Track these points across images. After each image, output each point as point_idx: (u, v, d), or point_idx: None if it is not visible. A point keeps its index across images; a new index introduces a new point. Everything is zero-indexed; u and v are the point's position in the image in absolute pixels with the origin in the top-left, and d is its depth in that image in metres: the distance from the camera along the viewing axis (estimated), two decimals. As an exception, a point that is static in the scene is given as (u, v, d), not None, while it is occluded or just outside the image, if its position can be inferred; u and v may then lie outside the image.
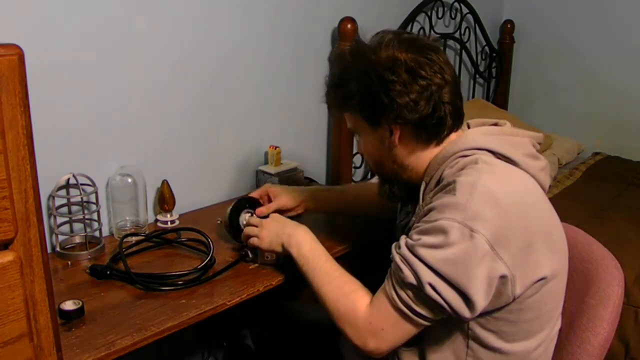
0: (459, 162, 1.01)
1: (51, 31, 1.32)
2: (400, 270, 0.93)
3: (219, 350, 1.87)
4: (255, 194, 1.46)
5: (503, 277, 0.90)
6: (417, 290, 0.92)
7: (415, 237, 0.95)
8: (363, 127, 1.10)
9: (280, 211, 1.41)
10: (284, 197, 1.45)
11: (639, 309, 1.65)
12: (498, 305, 0.94)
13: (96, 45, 1.41)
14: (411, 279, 0.92)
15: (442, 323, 0.99)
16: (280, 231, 1.20)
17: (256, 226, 1.26)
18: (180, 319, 1.10)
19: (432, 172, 1.06)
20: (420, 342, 1.05)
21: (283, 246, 1.18)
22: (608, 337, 1.05)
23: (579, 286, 1.11)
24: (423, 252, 0.91)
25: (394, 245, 0.99)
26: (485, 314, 0.96)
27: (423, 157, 1.07)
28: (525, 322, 0.98)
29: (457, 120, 1.07)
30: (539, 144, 1.11)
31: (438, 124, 1.03)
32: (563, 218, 1.12)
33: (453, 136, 1.07)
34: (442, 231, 0.90)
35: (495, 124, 1.12)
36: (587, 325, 1.06)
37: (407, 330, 0.96)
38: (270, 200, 1.45)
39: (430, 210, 0.96)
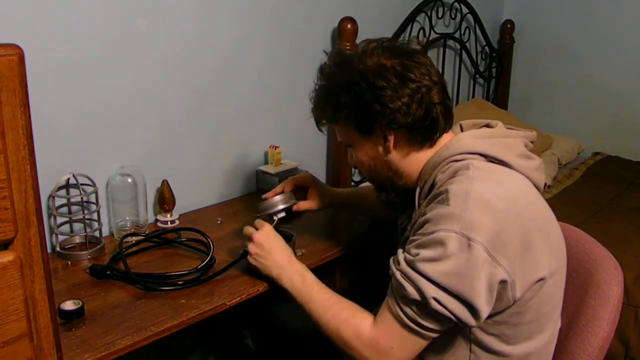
0: (451, 167, 1.01)
1: (51, 31, 1.32)
2: (403, 287, 0.93)
3: (219, 350, 1.87)
4: (298, 182, 1.45)
5: (503, 282, 0.90)
6: (422, 305, 0.92)
7: (413, 251, 0.94)
8: (355, 137, 1.09)
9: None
10: (316, 202, 1.44)
11: (639, 309, 1.65)
12: (499, 309, 0.95)
13: (96, 45, 1.41)
14: (415, 295, 0.91)
15: (445, 330, 0.99)
16: (271, 261, 1.18)
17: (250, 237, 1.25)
18: (180, 319, 1.10)
19: (425, 177, 1.06)
20: (422, 349, 1.05)
21: (274, 278, 1.17)
22: (607, 337, 1.05)
23: (579, 286, 1.11)
24: (423, 266, 0.91)
25: (392, 260, 0.99)
26: (486, 318, 0.95)
27: (417, 161, 1.07)
28: (526, 324, 0.98)
29: (448, 121, 1.07)
30: (532, 142, 1.11)
31: (431, 125, 1.04)
32: (563, 218, 1.12)
33: (445, 138, 1.07)
34: (440, 243, 0.90)
35: (488, 125, 1.12)
36: (586, 325, 1.06)
37: (417, 344, 0.96)
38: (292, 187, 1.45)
39: (425, 222, 0.95)
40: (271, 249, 1.19)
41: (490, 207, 0.91)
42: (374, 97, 1.01)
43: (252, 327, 1.66)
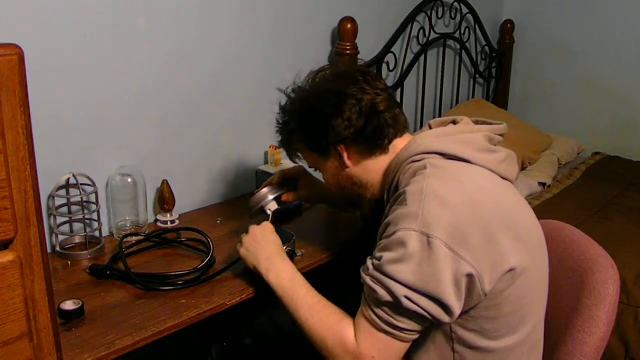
0: (411, 168, 1.04)
1: (51, 31, 1.32)
2: (374, 291, 0.94)
3: (219, 350, 1.87)
4: (287, 174, 1.45)
5: (469, 276, 0.91)
6: (395, 306, 0.92)
7: (378, 255, 0.96)
8: (316, 159, 1.17)
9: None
10: (305, 193, 1.44)
11: (639, 309, 1.65)
12: (472, 304, 0.95)
13: (96, 45, 1.41)
14: (387, 297, 0.92)
15: (425, 330, 0.99)
16: (262, 253, 1.17)
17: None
18: (180, 319, 1.10)
19: (388, 180, 1.09)
20: (407, 352, 1.05)
21: (261, 272, 1.15)
22: (604, 337, 1.05)
23: (575, 286, 1.11)
24: (390, 269, 0.92)
25: (362, 268, 1.00)
26: (463, 314, 0.96)
27: (376, 169, 1.11)
28: (504, 317, 0.98)
29: (397, 127, 1.11)
30: (502, 135, 1.12)
31: (374, 132, 1.08)
32: (563, 218, 1.12)
33: (399, 142, 1.11)
34: (401, 243, 0.91)
35: (454, 122, 1.14)
36: (582, 326, 1.05)
37: (397, 350, 0.96)
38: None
39: (387, 225, 0.97)
40: (263, 241, 1.19)
41: (445, 203, 0.93)
42: (317, 117, 1.10)
43: (252, 327, 1.66)
